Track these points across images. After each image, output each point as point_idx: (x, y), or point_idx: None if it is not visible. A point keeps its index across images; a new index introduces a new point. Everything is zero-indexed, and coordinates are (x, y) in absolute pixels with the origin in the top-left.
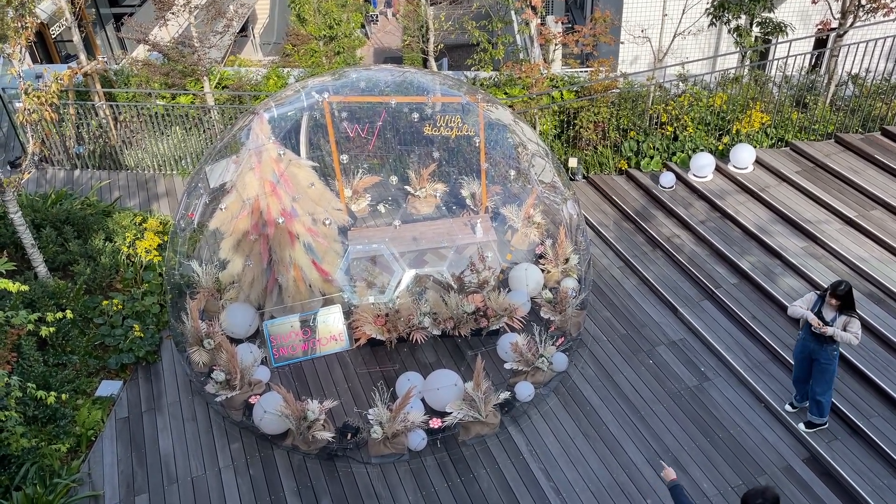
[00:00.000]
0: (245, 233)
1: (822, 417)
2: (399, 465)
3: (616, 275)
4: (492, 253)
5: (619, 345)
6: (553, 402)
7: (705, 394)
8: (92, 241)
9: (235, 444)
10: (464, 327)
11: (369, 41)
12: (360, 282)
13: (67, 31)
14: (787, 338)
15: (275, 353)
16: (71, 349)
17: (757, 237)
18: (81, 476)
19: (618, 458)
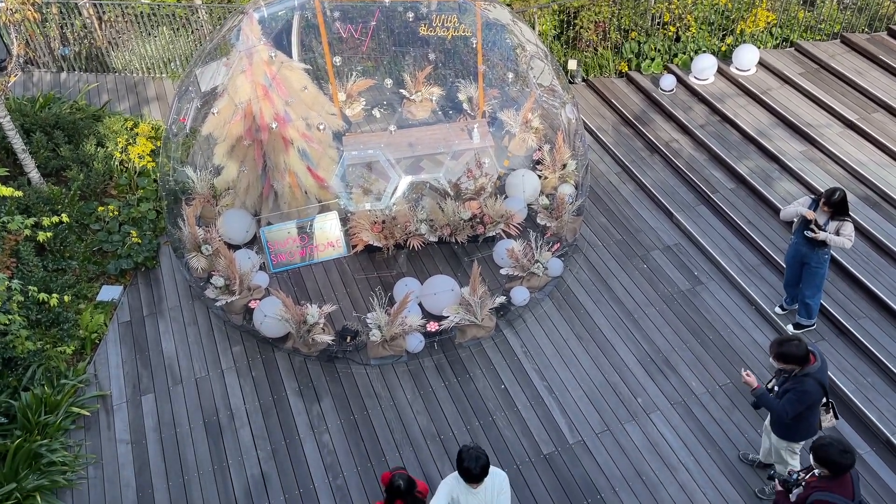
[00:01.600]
0: (238, 138)
1: (810, 319)
2: (397, 366)
3: (613, 180)
4: (489, 159)
5: (614, 250)
6: (548, 306)
7: (697, 297)
8: (83, 147)
9: (237, 347)
10: (460, 234)
11: None
12: (356, 188)
13: None
14: (780, 242)
15: (273, 259)
16: (69, 255)
17: (756, 141)
18: (88, 377)
19: (609, 359)
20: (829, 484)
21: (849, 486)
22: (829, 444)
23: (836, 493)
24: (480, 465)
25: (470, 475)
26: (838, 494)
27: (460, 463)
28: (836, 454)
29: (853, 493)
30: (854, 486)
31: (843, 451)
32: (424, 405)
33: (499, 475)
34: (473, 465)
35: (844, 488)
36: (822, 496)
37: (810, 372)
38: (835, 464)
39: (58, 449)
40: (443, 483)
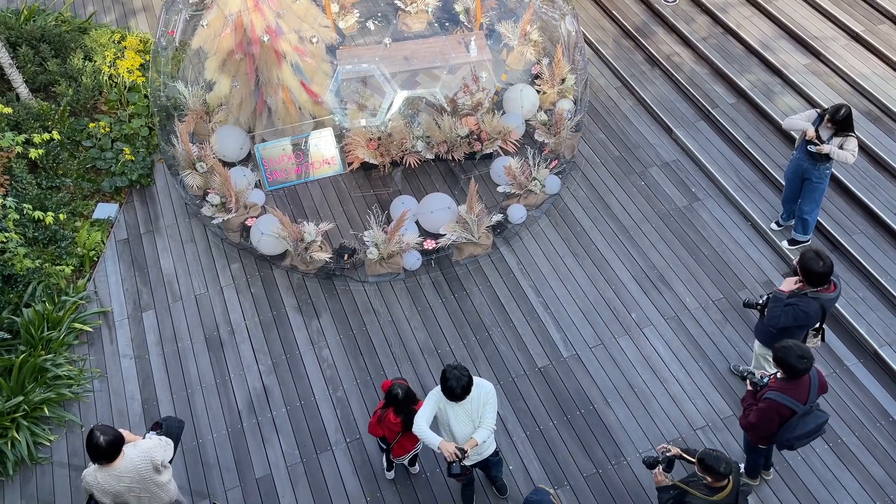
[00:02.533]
0: (230, 52)
1: (805, 235)
2: (395, 283)
3: (613, 95)
4: (486, 73)
5: (611, 167)
6: (544, 224)
7: (694, 213)
8: (71, 61)
9: (235, 265)
10: (457, 151)
11: None
12: (351, 104)
13: None
14: (779, 158)
15: (268, 177)
16: (63, 172)
17: (759, 54)
18: (88, 294)
19: (605, 275)
20: (785, 385)
21: (804, 390)
22: (789, 348)
23: (789, 395)
24: (462, 385)
25: (452, 394)
26: (790, 397)
27: (443, 383)
28: (793, 358)
29: (807, 397)
30: (810, 391)
31: (800, 357)
32: (422, 321)
33: (484, 386)
34: (455, 384)
35: (799, 391)
36: (773, 395)
37: (821, 297)
38: (791, 367)
39: (62, 363)
40: (430, 394)
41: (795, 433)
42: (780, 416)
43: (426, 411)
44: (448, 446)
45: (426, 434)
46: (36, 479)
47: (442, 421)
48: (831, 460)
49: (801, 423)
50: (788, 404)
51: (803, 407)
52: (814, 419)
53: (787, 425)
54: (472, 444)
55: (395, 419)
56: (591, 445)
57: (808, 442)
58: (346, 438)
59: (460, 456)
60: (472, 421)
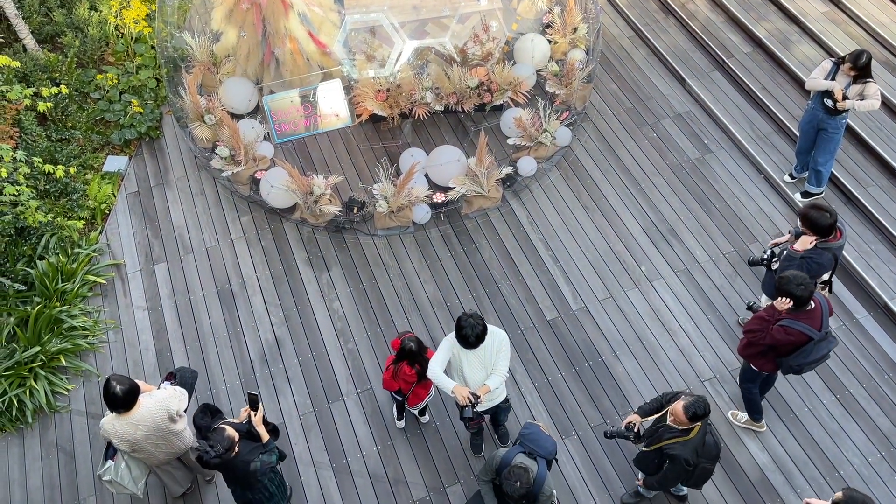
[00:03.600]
0: (236, 1)
1: (819, 187)
2: (404, 236)
3: (625, 45)
4: (496, 22)
5: (623, 118)
6: (554, 176)
7: (706, 166)
8: (76, 11)
9: (245, 217)
10: (467, 102)
11: None
12: (359, 55)
13: None
14: (795, 109)
15: (277, 129)
16: (72, 125)
17: (776, 1)
18: (101, 246)
19: (615, 228)
20: (797, 314)
21: (818, 318)
22: (788, 279)
23: (807, 322)
24: (476, 334)
25: (467, 342)
26: (804, 323)
27: (458, 331)
28: (793, 287)
29: (821, 324)
30: (822, 319)
31: (799, 285)
32: (431, 274)
33: (498, 335)
34: (470, 332)
35: (812, 320)
36: (787, 322)
37: (831, 247)
38: (792, 295)
39: (77, 315)
40: (444, 340)
41: (809, 358)
42: (798, 345)
43: (440, 357)
44: (461, 390)
45: (440, 378)
46: (55, 427)
47: (455, 367)
48: (838, 412)
49: (816, 349)
50: (806, 331)
51: (819, 333)
52: (826, 345)
53: (801, 351)
54: (485, 390)
55: (410, 370)
56: (599, 396)
57: (815, 367)
58: (357, 389)
59: (473, 401)
60: (485, 368)
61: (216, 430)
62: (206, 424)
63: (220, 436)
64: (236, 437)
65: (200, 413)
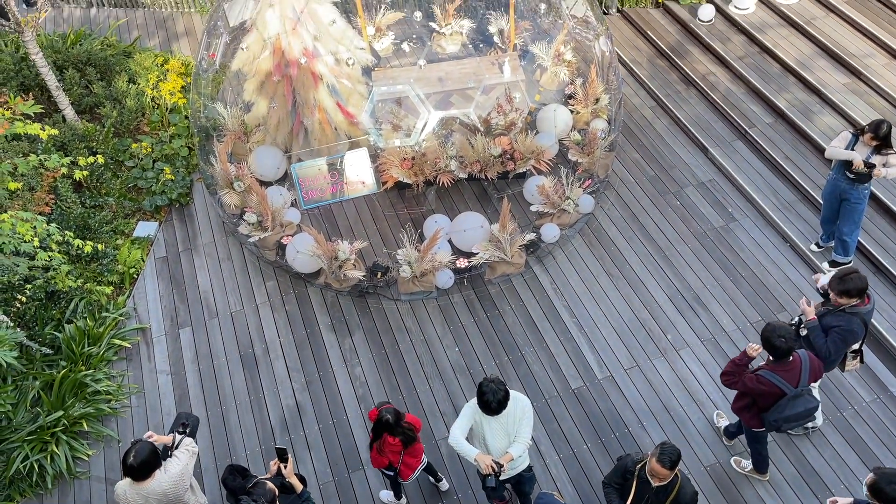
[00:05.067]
0: (268, 74)
1: (846, 256)
2: (427, 301)
3: (647, 115)
4: (520, 93)
5: (646, 186)
6: (578, 243)
7: (731, 234)
8: (115, 83)
9: (270, 282)
10: (490, 170)
11: None
12: (385, 124)
13: None
14: (818, 178)
15: (304, 196)
16: (106, 191)
17: (797, 73)
18: (128, 311)
19: (640, 296)
20: (776, 367)
21: (795, 373)
22: (772, 328)
23: (781, 376)
24: (498, 399)
25: (489, 408)
26: (783, 378)
27: (480, 396)
28: (774, 337)
29: (798, 380)
30: (801, 375)
31: (780, 336)
32: (454, 339)
33: (521, 401)
34: (492, 398)
35: (789, 374)
36: (762, 372)
37: (860, 311)
38: (772, 346)
39: (102, 379)
40: (466, 407)
41: (784, 414)
42: (774, 398)
43: (462, 423)
44: (484, 458)
45: (463, 446)
46: (74, 494)
47: (477, 434)
48: None
49: (791, 405)
50: (778, 384)
51: (793, 389)
52: (803, 403)
53: (776, 406)
54: (508, 458)
55: (393, 440)
56: None
57: (796, 426)
58: None
59: (496, 469)
60: (508, 435)
61: (256, 484)
62: (239, 485)
63: (262, 490)
64: (276, 489)
65: (230, 475)
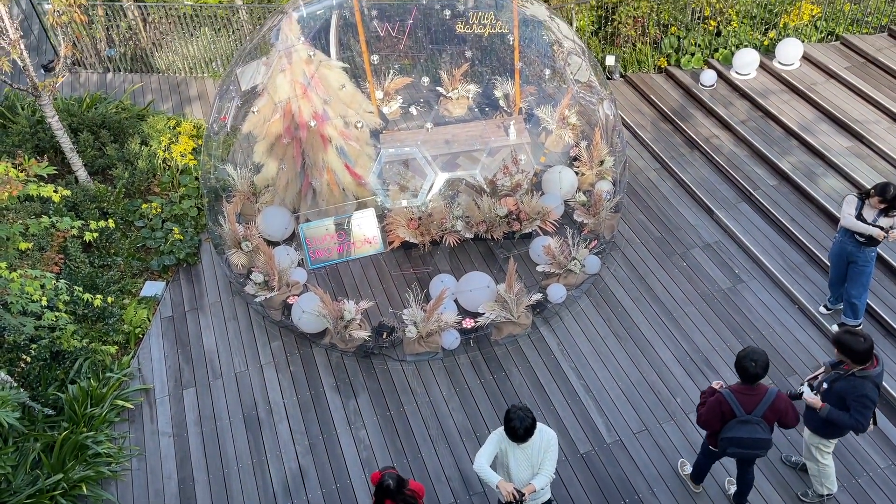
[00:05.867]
0: (278, 136)
1: (856, 319)
2: (433, 362)
3: (652, 177)
4: (525, 155)
5: (652, 247)
6: (585, 304)
7: (739, 296)
8: (128, 145)
9: (276, 342)
10: (496, 230)
11: None
12: (392, 185)
13: None
14: (825, 240)
15: (311, 256)
16: (115, 251)
17: (799, 137)
18: (132, 371)
19: (648, 358)
20: (740, 388)
21: (755, 399)
22: (746, 353)
23: (738, 398)
24: (525, 427)
25: (515, 435)
26: (738, 400)
27: (507, 423)
28: (746, 361)
29: (753, 408)
30: (757, 405)
31: (752, 361)
32: (460, 402)
33: (546, 433)
34: (518, 425)
35: (749, 398)
36: (723, 391)
37: (869, 374)
38: (742, 367)
39: (103, 441)
40: (492, 434)
41: (726, 434)
42: (722, 414)
43: (487, 450)
44: (506, 486)
45: (486, 472)
46: None
47: (501, 462)
48: None
49: (735, 428)
50: (731, 405)
51: (744, 414)
52: (748, 431)
53: (725, 425)
54: (530, 489)
55: None
56: None
57: (741, 454)
58: None
59: (517, 497)
60: (532, 466)
61: None
62: None
63: None
64: None
65: None
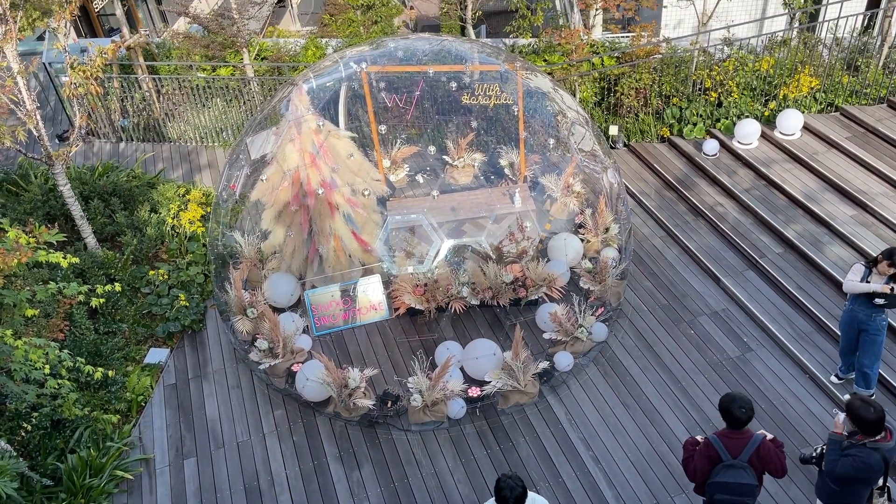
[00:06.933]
0: (286, 203)
1: (868, 389)
2: (439, 432)
3: (657, 244)
4: (531, 222)
5: (659, 315)
6: (592, 372)
7: (748, 364)
8: (138, 213)
9: (279, 411)
10: (502, 297)
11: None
12: (399, 252)
13: (110, 5)
14: (833, 308)
15: (316, 322)
16: (120, 318)
17: (803, 205)
18: (132, 440)
19: (657, 428)
20: (726, 432)
21: (740, 444)
22: (733, 398)
23: (724, 442)
24: (515, 496)
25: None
26: (724, 445)
27: (497, 492)
28: (734, 407)
29: (739, 451)
30: (743, 451)
31: (741, 407)
32: (466, 473)
33: (539, 501)
34: (508, 494)
35: (735, 443)
36: (710, 436)
37: (880, 447)
38: (729, 413)
39: None
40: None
41: (712, 479)
42: (710, 459)
43: None
44: None
45: None
46: None
47: None
48: None
49: (721, 473)
50: (717, 449)
51: (728, 458)
52: (734, 476)
53: (712, 471)
54: None
55: None
56: None
57: (728, 500)
58: None
59: None
60: None
61: None
62: None
63: None
64: None
65: None
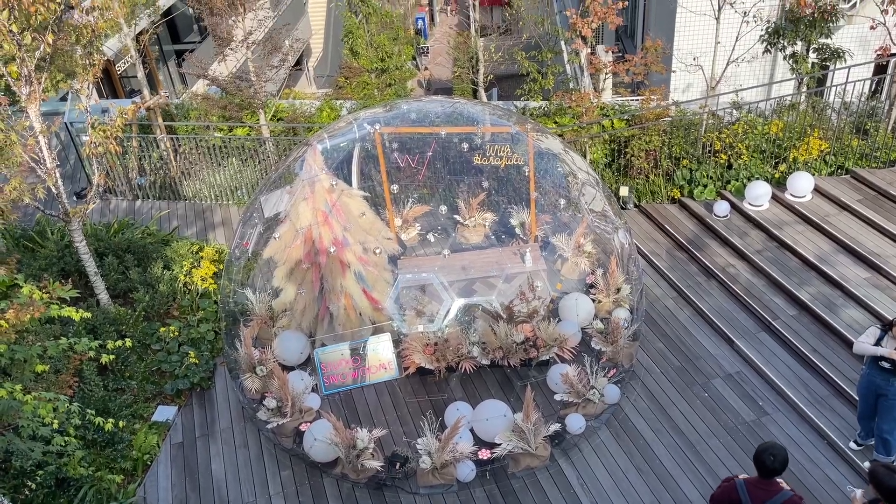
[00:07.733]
0: (298, 261)
1: (889, 456)
2: (447, 496)
3: (669, 305)
4: (541, 282)
5: (672, 377)
6: (605, 435)
7: (764, 429)
8: (151, 269)
9: (286, 471)
10: (513, 357)
11: (420, 73)
12: (409, 310)
13: (132, 68)
14: (850, 372)
15: (325, 381)
16: (130, 374)
17: (817, 267)
18: (137, 500)
19: (671, 493)
20: (755, 480)
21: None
22: (766, 447)
23: (749, 490)
24: None
25: None
26: (749, 492)
27: None
28: (766, 455)
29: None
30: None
31: (771, 455)
32: None
33: None
34: None
35: (760, 492)
36: (738, 480)
37: None
38: (759, 461)
39: None
40: None
41: None
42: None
43: None
44: None
45: None
46: None
47: None
48: None
49: None
50: (741, 494)
51: None
52: None
53: None
54: None
55: None
56: None
57: None
58: None
59: None
60: None
61: None
62: None
63: None
64: None
65: None
